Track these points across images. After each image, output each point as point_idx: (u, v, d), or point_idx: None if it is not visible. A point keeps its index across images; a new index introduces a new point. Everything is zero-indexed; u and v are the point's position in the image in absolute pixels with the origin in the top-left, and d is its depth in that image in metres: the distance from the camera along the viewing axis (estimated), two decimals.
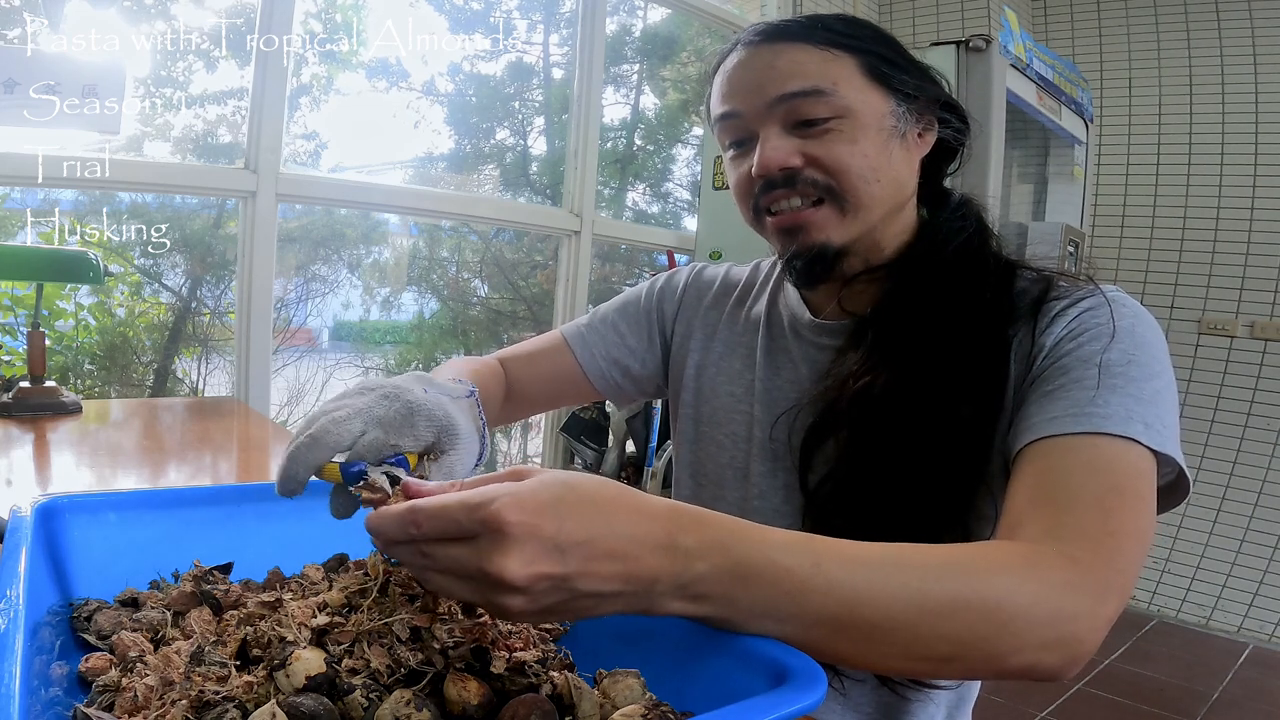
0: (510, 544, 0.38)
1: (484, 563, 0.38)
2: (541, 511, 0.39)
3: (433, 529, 0.39)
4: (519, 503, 0.38)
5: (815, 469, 0.70)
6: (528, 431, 3.22)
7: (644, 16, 3.46)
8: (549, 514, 0.39)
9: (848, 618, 0.44)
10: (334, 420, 0.49)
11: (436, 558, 0.40)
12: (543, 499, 0.39)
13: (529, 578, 0.38)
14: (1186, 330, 2.97)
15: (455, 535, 0.39)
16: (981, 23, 2.98)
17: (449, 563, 0.39)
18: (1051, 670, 0.47)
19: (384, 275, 3.09)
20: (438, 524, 0.39)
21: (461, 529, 0.39)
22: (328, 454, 0.48)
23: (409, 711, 0.37)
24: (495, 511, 0.38)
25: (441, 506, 0.39)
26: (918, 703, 0.72)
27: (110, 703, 0.40)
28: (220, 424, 1.39)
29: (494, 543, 0.38)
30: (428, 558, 0.40)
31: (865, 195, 0.69)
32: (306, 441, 0.48)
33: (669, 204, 3.62)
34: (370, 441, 0.49)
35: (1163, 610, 3.02)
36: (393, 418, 0.51)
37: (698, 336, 0.86)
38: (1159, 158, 3.03)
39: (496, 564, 0.38)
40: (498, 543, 0.38)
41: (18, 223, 1.78)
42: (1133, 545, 0.51)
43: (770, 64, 0.69)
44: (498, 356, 0.86)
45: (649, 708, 0.39)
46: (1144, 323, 0.63)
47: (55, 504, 0.52)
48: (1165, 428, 0.57)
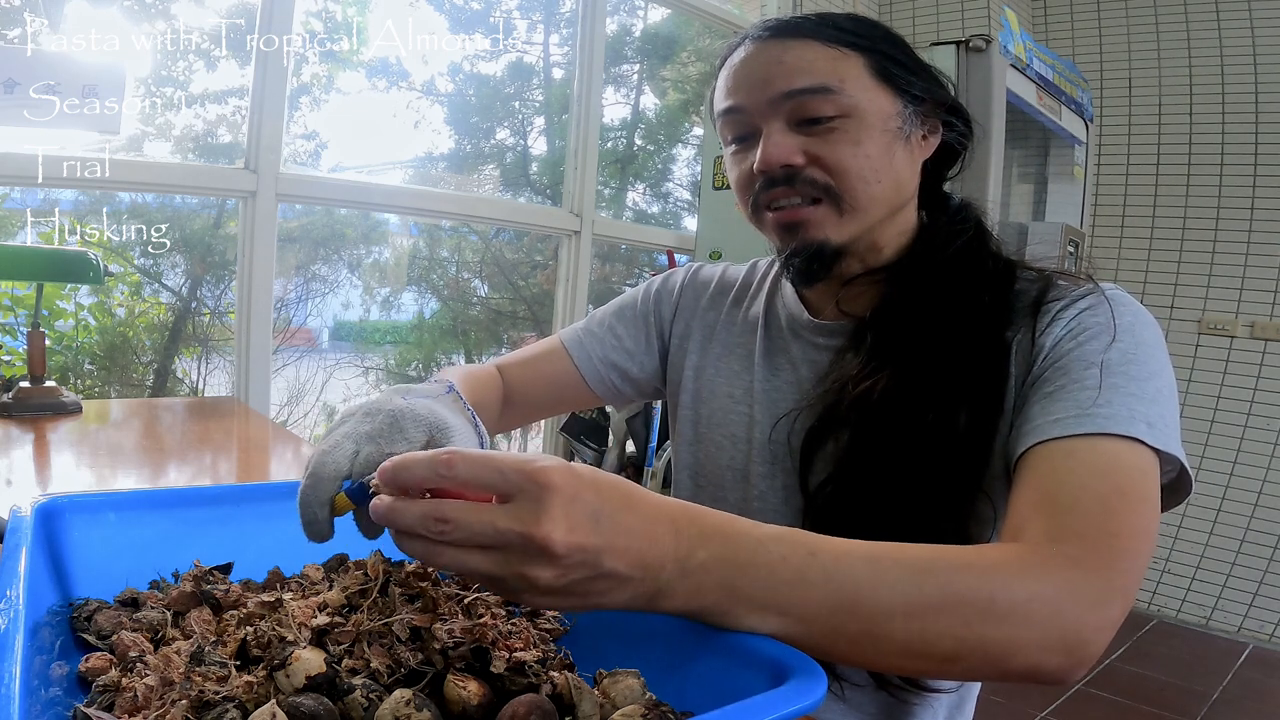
0: (556, 506, 0.38)
1: (526, 524, 0.37)
2: (583, 481, 0.39)
3: (469, 474, 0.39)
4: (566, 469, 0.39)
5: (815, 471, 0.70)
6: (528, 432, 3.22)
7: (644, 16, 3.46)
8: (589, 484, 0.40)
9: (847, 609, 0.44)
10: (325, 453, 0.49)
11: (462, 522, 0.38)
12: (582, 471, 0.40)
13: (569, 546, 0.38)
14: (1186, 330, 2.97)
15: (489, 491, 0.39)
16: (981, 23, 2.98)
17: (480, 528, 0.38)
18: (1055, 672, 0.46)
19: (384, 275, 3.09)
20: (475, 470, 0.39)
21: (504, 480, 0.38)
22: (332, 485, 0.48)
23: (409, 711, 0.37)
24: (546, 469, 0.38)
25: (485, 455, 0.39)
26: (918, 705, 0.72)
27: (110, 703, 0.40)
28: (220, 424, 1.39)
29: (539, 503, 0.38)
30: (449, 523, 0.38)
31: (864, 196, 0.69)
32: (309, 482, 0.49)
33: (669, 204, 3.62)
34: (366, 457, 0.49)
35: (1163, 610, 3.02)
36: (380, 429, 0.51)
37: (696, 337, 0.86)
38: (1159, 158, 3.03)
39: (542, 524, 0.37)
40: (543, 504, 0.38)
41: (18, 223, 1.78)
42: (1137, 546, 0.50)
43: (778, 59, 0.68)
44: (495, 364, 0.86)
45: (649, 708, 0.39)
46: (1143, 321, 0.63)
47: (55, 504, 0.52)
48: (1167, 426, 0.57)
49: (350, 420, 0.52)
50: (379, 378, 3.14)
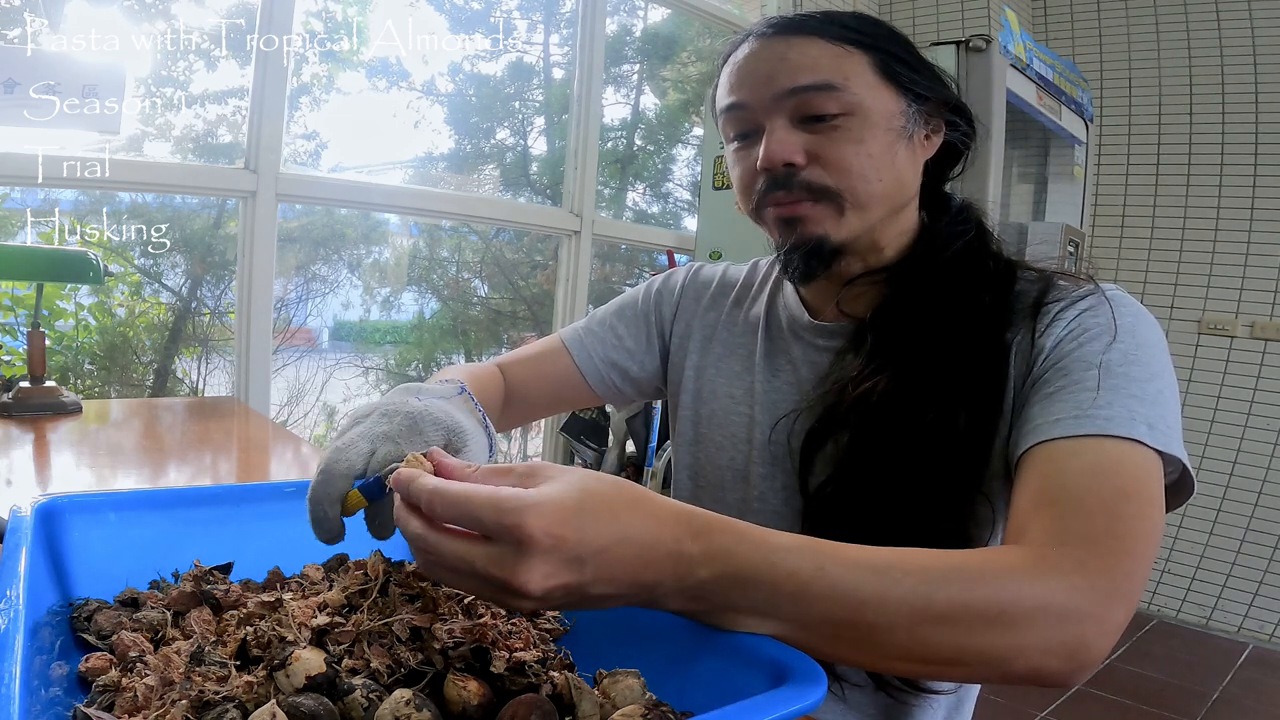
0: (534, 558, 0.38)
1: (504, 571, 0.38)
2: (565, 523, 0.38)
3: (445, 516, 0.39)
4: (544, 514, 0.38)
5: (815, 472, 0.69)
6: (528, 432, 3.22)
7: (644, 16, 3.46)
8: (572, 525, 0.38)
9: (850, 620, 0.43)
10: (339, 450, 0.49)
11: (446, 556, 0.39)
12: (567, 509, 0.39)
13: (546, 590, 0.38)
14: (1186, 330, 2.97)
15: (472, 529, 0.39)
16: (981, 23, 2.98)
17: (461, 565, 0.39)
18: (1058, 675, 0.46)
19: (384, 275, 3.09)
20: (451, 513, 0.39)
21: (483, 528, 0.38)
22: (345, 482, 0.48)
23: (409, 711, 0.37)
24: (522, 524, 0.37)
25: (466, 498, 0.39)
26: (917, 705, 0.71)
27: (110, 703, 0.39)
28: (220, 424, 1.39)
29: (516, 554, 0.38)
30: (434, 555, 0.39)
31: (864, 195, 0.68)
32: (321, 479, 0.48)
33: (669, 204, 3.62)
34: (383, 456, 0.49)
35: (1163, 610, 3.02)
36: (398, 430, 0.50)
37: (696, 338, 0.86)
38: (1159, 158, 3.03)
39: (519, 576, 0.38)
40: (521, 555, 0.38)
41: (18, 223, 1.78)
42: (1140, 548, 0.50)
43: (782, 56, 0.68)
44: (496, 362, 0.86)
45: (649, 708, 0.39)
46: (1144, 322, 0.63)
47: (55, 504, 0.52)
48: (1169, 427, 0.56)
49: (365, 419, 0.52)
50: (379, 378, 3.14)
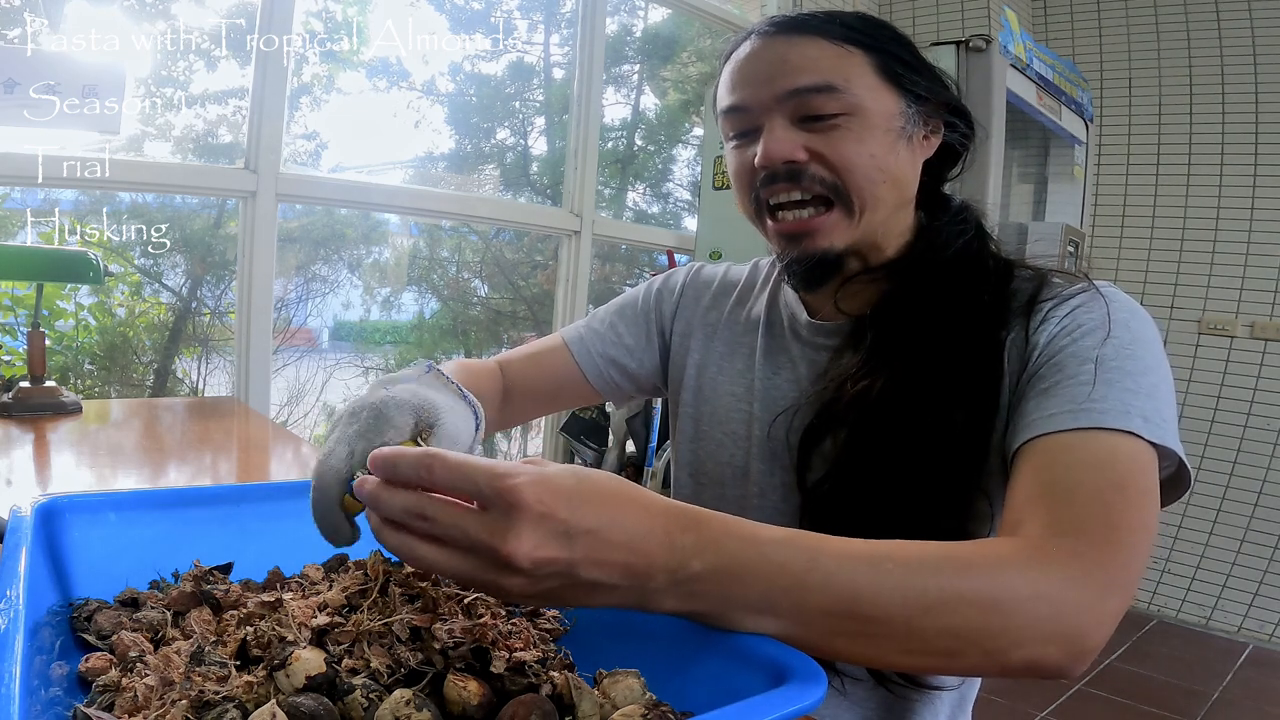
0: (524, 523, 0.38)
1: (493, 537, 0.38)
2: (558, 496, 0.39)
3: (446, 479, 0.39)
4: (539, 484, 0.39)
5: (813, 468, 0.70)
6: (528, 431, 3.22)
7: (644, 17, 3.46)
8: (564, 500, 0.39)
9: (844, 613, 0.43)
10: (323, 462, 0.50)
11: (440, 522, 0.39)
12: (560, 485, 0.40)
13: (535, 561, 0.38)
14: (1186, 330, 2.97)
15: (468, 495, 0.39)
16: (981, 23, 2.98)
17: (453, 532, 0.39)
18: (1055, 666, 0.46)
19: (384, 275, 3.09)
20: (452, 476, 0.39)
21: (479, 492, 0.39)
22: (338, 490, 0.49)
23: (409, 711, 0.37)
24: (516, 487, 0.38)
25: (463, 463, 0.39)
26: (919, 702, 0.72)
27: (110, 703, 0.39)
28: (220, 424, 1.39)
29: (507, 519, 0.38)
30: (429, 520, 0.40)
31: (870, 196, 0.68)
32: (316, 495, 0.49)
33: (669, 204, 3.62)
34: (361, 454, 0.49)
35: (1163, 610, 3.02)
36: (367, 425, 0.51)
37: (698, 336, 0.86)
38: (1159, 158, 3.03)
39: (508, 542, 0.38)
40: (511, 520, 0.38)
41: (18, 223, 1.78)
42: (1136, 539, 0.50)
43: (783, 56, 0.68)
44: (496, 359, 0.86)
45: (649, 708, 0.39)
46: (1138, 317, 0.63)
47: (55, 504, 0.52)
48: (1164, 420, 0.56)
49: (337, 427, 0.53)
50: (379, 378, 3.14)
